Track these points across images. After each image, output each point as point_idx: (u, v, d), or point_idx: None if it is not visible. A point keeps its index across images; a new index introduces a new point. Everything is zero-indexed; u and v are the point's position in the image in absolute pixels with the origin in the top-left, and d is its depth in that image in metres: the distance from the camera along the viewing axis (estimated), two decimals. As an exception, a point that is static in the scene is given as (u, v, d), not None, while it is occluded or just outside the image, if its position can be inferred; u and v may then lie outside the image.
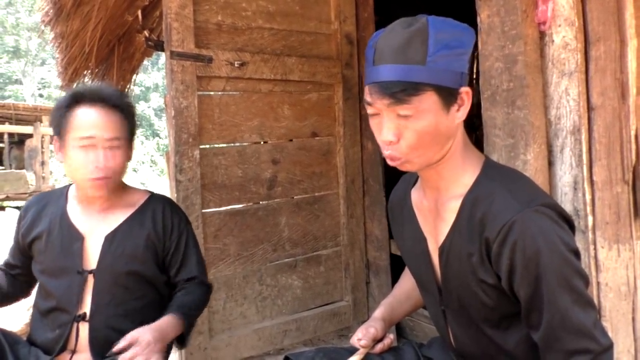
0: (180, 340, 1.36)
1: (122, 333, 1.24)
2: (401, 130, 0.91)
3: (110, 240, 1.36)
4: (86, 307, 1.32)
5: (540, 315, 0.88)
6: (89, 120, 1.31)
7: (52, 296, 1.35)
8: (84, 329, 1.31)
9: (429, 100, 0.89)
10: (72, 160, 1.31)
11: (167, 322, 1.30)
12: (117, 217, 1.39)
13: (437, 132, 0.91)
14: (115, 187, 1.38)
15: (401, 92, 0.88)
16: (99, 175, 1.30)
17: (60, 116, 1.33)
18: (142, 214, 1.41)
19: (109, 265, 1.34)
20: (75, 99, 1.33)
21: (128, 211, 1.41)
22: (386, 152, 0.94)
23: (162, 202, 1.46)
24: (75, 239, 1.36)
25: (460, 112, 0.93)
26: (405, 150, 0.92)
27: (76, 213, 1.40)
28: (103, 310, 1.32)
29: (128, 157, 1.39)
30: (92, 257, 1.35)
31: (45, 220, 1.40)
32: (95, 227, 1.37)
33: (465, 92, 0.92)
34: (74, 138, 1.30)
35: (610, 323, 1.33)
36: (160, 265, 1.43)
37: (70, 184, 1.46)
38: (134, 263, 1.36)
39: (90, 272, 1.33)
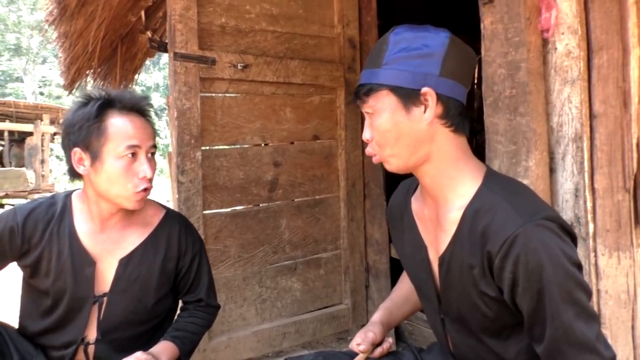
0: None
1: (127, 356, 1.22)
2: (371, 128, 0.99)
3: (125, 264, 1.30)
4: (93, 330, 1.29)
5: (543, 329, 0.87)
6: (132, 128, 1.22)
7: (55, 316, 1.29)
8: (89, 350, 1.29)
9: (385, 99, 0.95)
10: (113, 173, 1.20)
11: (161, 349, 1.28)
12: (133, 239, 1.32)
13: (400, 131, 0.95)
14: None
15: (363, 93, 0.98)
16: (147, 185, 1.23)
17: (90, 127, 1.20)
18: (158, 236, 1.34)
19: (122, 291, 1.29)
20: (104, 108, 1.22)
21: (143, 232, 1.34)
22: (367, 149, 1.02)
23: (178, 222, 1.39)
24: (87, 263, 1.27)
25: (427, 114, 0.94)
26: (376, 147, 1.00)
27: (87, 233, 1.29)
28: (111, 333, 1.29)
29: None
30: (104, 280, 1.29)
31: (51, 240, 1.27)
32: (108, 249, 1.30)
33: (427, 92, 0.93)
34: (116, 149, 1.20)
35: (610, 331, 1.33)
36: (174, 288, 1.40)
37: (69, 194, 1.34)
38: (148, 289, 1.31)
39: (103, 295, 1.28)
